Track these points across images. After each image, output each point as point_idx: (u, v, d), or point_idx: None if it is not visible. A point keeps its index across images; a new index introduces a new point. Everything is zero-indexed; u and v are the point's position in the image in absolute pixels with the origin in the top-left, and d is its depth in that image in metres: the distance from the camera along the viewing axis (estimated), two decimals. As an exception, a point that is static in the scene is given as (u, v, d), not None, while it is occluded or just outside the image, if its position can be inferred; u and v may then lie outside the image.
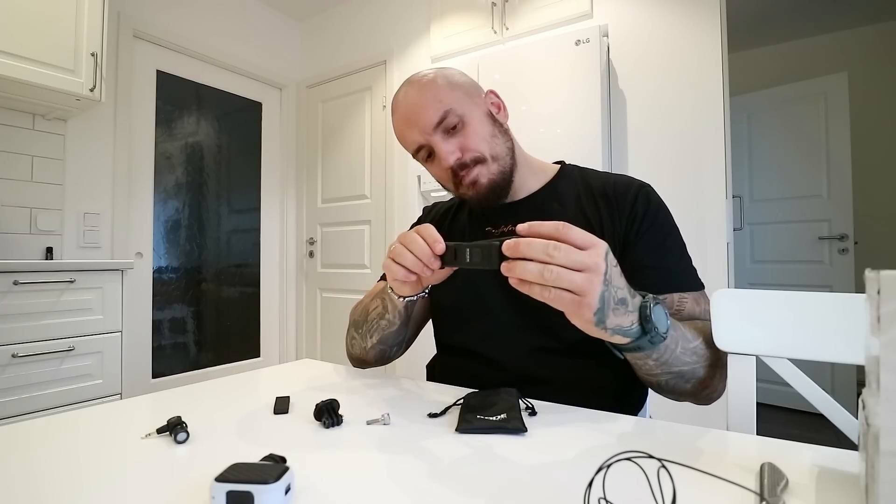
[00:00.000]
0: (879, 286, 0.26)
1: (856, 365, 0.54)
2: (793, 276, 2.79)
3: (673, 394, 0.62)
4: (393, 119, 0.76)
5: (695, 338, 0.59)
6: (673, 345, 0.54)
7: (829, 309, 0.58)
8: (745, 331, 0.62)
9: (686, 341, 0.57)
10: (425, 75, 0.74)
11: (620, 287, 0.47)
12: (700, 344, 0.59)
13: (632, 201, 0.71)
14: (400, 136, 0.76)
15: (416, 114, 0.71)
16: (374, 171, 2.81)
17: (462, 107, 0.71)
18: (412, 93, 0.73)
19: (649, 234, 0.69)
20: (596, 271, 0.43)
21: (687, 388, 0.60)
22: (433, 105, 0.70)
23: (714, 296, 0.63)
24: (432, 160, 0.74)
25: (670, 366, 0.56)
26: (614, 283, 0.45)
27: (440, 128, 0.70)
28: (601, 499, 0.31)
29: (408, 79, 0.76)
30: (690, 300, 0.67)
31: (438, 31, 2.49)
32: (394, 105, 0.76)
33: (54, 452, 0.44)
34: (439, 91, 0.71)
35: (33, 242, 2.02)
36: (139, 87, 2.42)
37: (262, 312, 3.02)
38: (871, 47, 3.09)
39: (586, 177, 0.78)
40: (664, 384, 0.59)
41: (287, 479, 0.34)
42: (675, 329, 0.54)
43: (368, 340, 0.77)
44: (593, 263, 0.43)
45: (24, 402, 1.50)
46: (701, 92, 1.84)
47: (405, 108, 0.73)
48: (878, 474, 0.26)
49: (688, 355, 0.57)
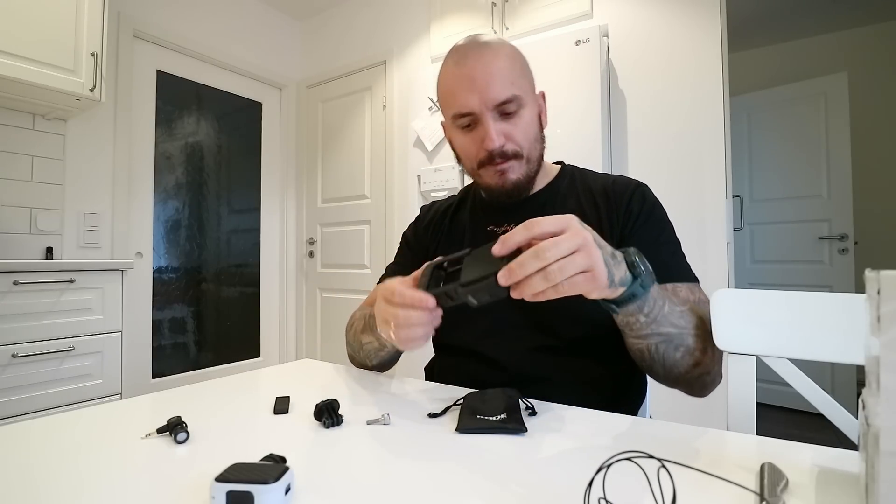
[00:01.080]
0: (879, 286, 0.26)
1: (856, 365, 0.54)
2: (793, 276, 2.79)
3: (665, 370, 0.60)
4: (448, 69, 0.70)
5: (683, 303, 0.59)
6: (661, 300, 0.55)
7: (829, 309, 0.58)
8: (745, 331, 0.62)
9: (672, 303, 0.57)
10: (504, 44, 0.70)
11: (605, 244, 0.48)
12: (687, 311, 0.59)
13: (627, 199, 0.72)
14: (449, 93, 0.71)
15: (485, 81, 0.67)
16: (374, 171, 2.81)
17: (526, 98, 0.70)
18: (489, 56, 0.68)
19: (644, 230, 0.70)
20: (587, 244, 0.44)
21: (677, 357, 0.58)
22: (505, 82, 0.67)
23: (714, 296, 0.63)
24: (469, 130, 0.71)
25: (659, 324, 0.55)
26: (602, 244, 0.46)
27: (500, 108, 0.68)
28: (601, 499, 0.31)
29: (480, 36, 0.71)
30: (685, 290, 0.67)
31: (438, 31, 2.50)
32: (457, 57, 0.70)
33: (54, 452, 0.44)
34: (515, 70, 0.69)
35: (33, 242, 2.02)
36: (139, 87, 2.42)
37: (262, 312, 3.02)
38: (871, 47, 3.09)
39: (585, 177, 0.79)
40: (654, 352, 0.58)
41: (287, 479, 0.34)
42: (661, 287, 0.55)
43: (368, 362, 0.78)
44: (580, 239, 0.43)
45: (24, 402, 1.50)
46: (701, 92, 1.84)
47: (474, 67, 0.67)
48: (878, 474, 0.26)
49: (675, 316, 0.57)
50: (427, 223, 0.88)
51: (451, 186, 2.14)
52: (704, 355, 0.60)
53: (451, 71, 0.70)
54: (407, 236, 0.92)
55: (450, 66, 0.70)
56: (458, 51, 0.70)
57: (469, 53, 0.69)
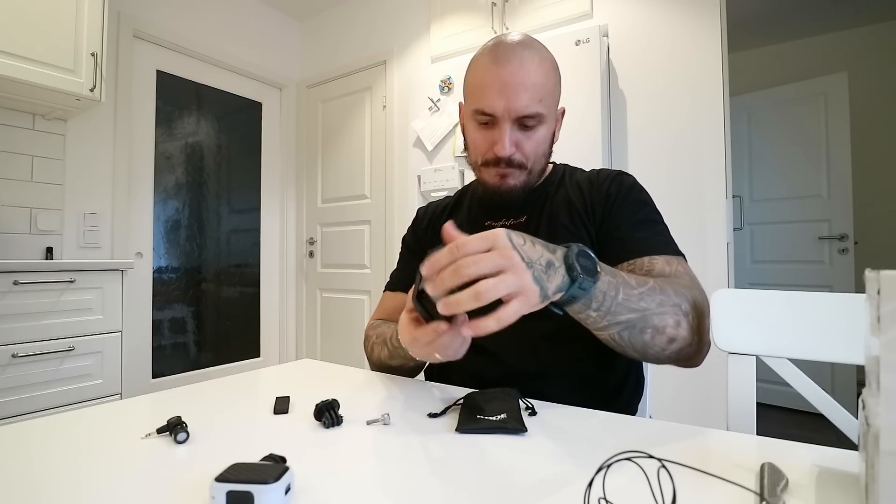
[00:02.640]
0: (879, 286, 0.26)
1: (856, 365, 0.54)
2: (793, 276, 2.79)
3: (638, 353, 0.58)
4: (486, 62, 0.70)
5: (641, 284, 0.55)
6: (612, 291, 0.52)
7: (829, 309, 0.58)
8: (745, 331, 0.62)
9: (629, 287, 0.54)
10: (548, 58, 0.70)
11: (541, 255, 0.46)
12: (648, 290, 0.55)
13: (608, 185, 0.76)
14: (478, 87, 0.71)
15: (516, 91, 0.67)
16: (374, 171, 2.81)
17: (548, 115, 0.71)
18: (529, 67, 0.68)
19: (621, 210, 0.73)
20: (513, 264, 0.42)
21: (646, 339, 0.56)
22: (534, 97, 0.68)
23: (714, 296, 0.63)
24: (485, 127, 0.72)
25: (615, 314, 0.53)
26: (535, 259, 0.45)
27: (521, 120, 0.69)
28: (601, 499, 0.31)
29: (527, 40, 0.71)
30: (661, 261, 0.66)
31: (438, 31, 2.50)
32: (498, 54, 0.69)
33: (54, 452, 0.44)
34: (547, 87, 0.70)
35: (33, 242, 2.02)
36: (139, 87, 2.42)
37: (262, 312, 3.02)
38: (871, 47, 3.09)
39: (574, 173, 0.83)
40: (619, 339, 0.56)
41: (287, 479, 0.34)
42: (613, 276, 0.52)
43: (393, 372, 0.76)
44: (506, 258, 0.42)
45: (24, 402, 1.50)
46: (701, 92, 1.84)
47: (512, 74, 0.67)
48: (878, 474, 0.26)
49: (633, 301, 0.54)
50: (426, 224, 0.90)
51: (451, 186, 2.14)
52: (679, 329, 0.57)
53: (488, 67, 0.69)
54: (407, 241, 0.93)
55: (488, 61, 0.70)
56: (501, 47, 0.70)
57: (512, 56, 0.68)
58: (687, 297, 0.58)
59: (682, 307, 0.57)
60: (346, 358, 2.85)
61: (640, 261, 0.67)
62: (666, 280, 0.61)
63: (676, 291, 0.58)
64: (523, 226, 0.77)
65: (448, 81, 2.20)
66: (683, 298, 0.58)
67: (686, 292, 0.59)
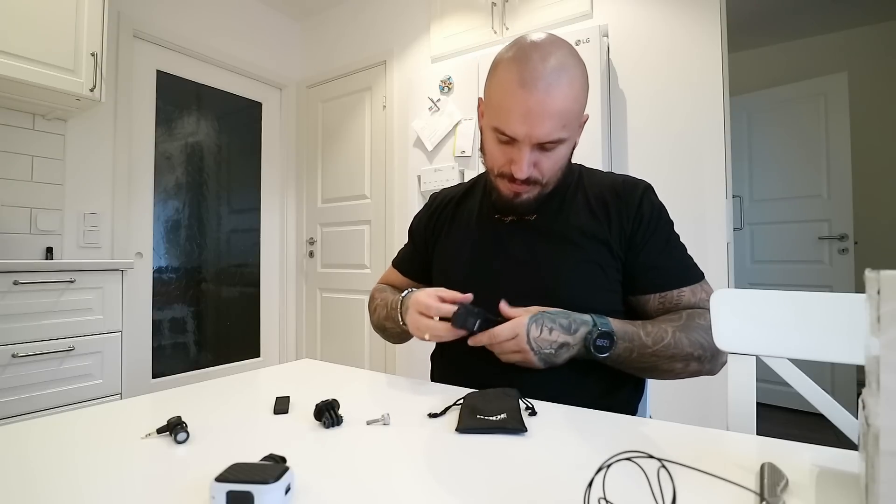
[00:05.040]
0: (879, 286, 0.26)
1: (856, 365, 0.54)
2: (793, 276, 2.79)
3: (653, 377, 0.72)
4: (511, 80, 0.65)
5: (657, 342, 0.66)
6: (626, 353, 0.66)
7: (829, 309, 0.58)
8: (745, 331, 0.62)
9: (644, 348, 0.66)
10: (578, 77, 0.66)
11: (554, 340, 0.64)
12: (665, 345, 0.66)
13: (638, 202, 0.74)
14: (501, 106, 0.67)
15: (541, 119, 0.64)
16: (374, 171, 2.81)
17: (569, 138, 0.70)
18: (556, 92, 0.63)
19: (655, 237, 0.74)
20: (524, 352, 0.64)
21: (655, 375, 0.70)
22: (558, 125, 0.65)
23: (714, 296, 0.63)
24: (506, 145, 0.69)
25: (628, 366, 0.68)
26: (544, 347, 0.64)
27: (541, 144, 0.67)
28: (601, 499, 0.31)
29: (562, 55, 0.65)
30: (688, 293, 0.72)
31: (438, 31, 2.49)
32: (526, 73, 0.64)
33: (54, 452, 0.44)
34: (574, 110, 0.67)
35: (33, 242, 2.02)
36: (139, 87, 2.42)
37: (262, 312, 3.02)
38: (871, 47, 3.09)
39: (592, 175, 0.82)
40: (632, 373, 0.71)
41: (287, 479, 0.34)
42: (630, 342, 0.66)
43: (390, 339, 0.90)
44: (520, 348, 0.64)
45: (24, 402, 1.50)
46: (701, 92, 1.84)
47: (539, 101, 0.63)
48: (878, 474, 0.26)
49: (646, 358, 0.67)
50: (435, 209, 0.92)
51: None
52: (687, 367, 0.68)
53: (514, 90, 0.64)
54: (414, 225, 0.96)
55: (514, 78, 0.65)
56: (530, 68, 0.64)
57: (540, 82, 0.63)
58: (701, 342, 0.67)
59: (693, 354, 0.67)
60: (346, 358, 2.85)
61: (671, 294, 0.72)
62: (686, 326, 0.68)
63: (692, 341, 0.67)
64: (531, 224, 0.77)
65: (448, 81, 2.20)
66: (697, 346, 0.67)
67: (702, 336, 0.67)
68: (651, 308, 0.73)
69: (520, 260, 0.75)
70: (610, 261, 0.72)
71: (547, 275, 0.73)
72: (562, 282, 0.72)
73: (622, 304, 0.75)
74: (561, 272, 0.72)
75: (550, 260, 0.73)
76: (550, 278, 0.72)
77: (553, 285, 0.72)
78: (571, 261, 0.72)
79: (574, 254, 0.73)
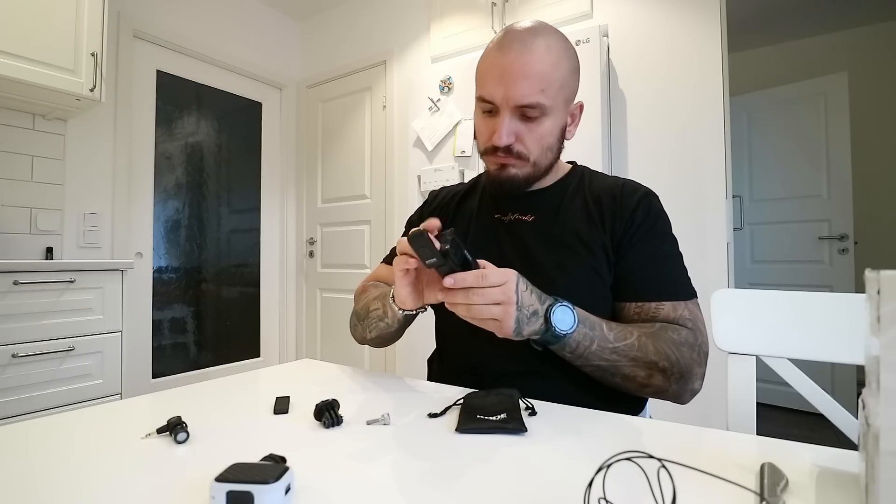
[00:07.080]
0: (879, 286, 0.26)
1: (856, 365, 0.54)
2: (793, 276, 2.79)
3: (615, 387, 0.66)
4: (491, 50, 0.69)
5: (620, 339, 0.62)
6: (586, 342, 0.61)
7: (829, 309, 0.58)
8: (745, 331, 0.62)
9: (605, 341, 0.61)
10: (555, 47, 0.67)
11: (532, 303, 0.58)
12: (628, 345, 0.62)
13: (633, 206, 0.72)
14: (481, 74, 0.70)
15: (515, 80, 0.65)
16: (374, 171, 2.81)
17: (553, 108, 0.68)
18: (532, 55, 0.65)
19: (644, 242, 0.71)
20: (509, 303, 0.55)
21: (618, 382, 0.64)
22: (535, 87, 0.65)
23: (714, 296, 0.63)
24: (489, 116, 0.70)
25: (587, 360, 0.62)
26: (525, 304, 0.57)
27: (521, 109, 0.67)
28: (601, 499, 0.31)
29: (539, 26, 0.68)
30: (668, 307, 0.67)
31: (438, 31, 2.49)
32: (504, 41, 0.67)
33: (54, 452, 0.44)
34: (553, 77, 0.66)
35: (33, 242, 2.02)
36: (139, 87, 2.42)
37: (262, 312, 3.02)
38: (871, 47, 3.09)
39: (594, 178, 0.80)
40: (594, 374, 0.65)
41: (287, 479, 0.34)
42: (591, 329, 0.61)
43: (367, 333, 0.80)
44: (506, 297, 0.55)
45: (24, 402, 1.50)
46: (701, 92, 1.84)
47: (513, 61, 0.65)
48: (878, 474, 0.26)
49: (606, 353, 0.61)
50: (434, 206, 0.90)
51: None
52: (651, 379, 0.62)
53: (492, 54, 0.68)
54: (412, 222, 0.94)
55: (493, 48, 0.69)
56: (509, 34, 0.68)
57: (514, 43, 0.66)
58: (669, 354, 0.62)
59: (658, 364, 0.62)
60: (346, 358, 2.85)
61: (648, 305, 0.68)
62: (655, 334, 0.64)
63: (658, 350, 0.62)
64: (529, 225, 0.76)
65: (448, 81, 2.20)
66: (663, 357, 0.62)
67: (670, 349, 0.62)
68: (625, 317, 0.70)
69: (516, 260, 0.75)
70: (605, 266, 0.71)
71: (542, 277, 0.72)
72: (557, 286, 0.71)
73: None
74: (557, 276, 0.71)
75: (547, 263, 0.72)
76: (546, 281, 0.72)
77: (548, 289, 0.71)
78: (567, 266, 0.71)
79: (570, 259, 0.72)
